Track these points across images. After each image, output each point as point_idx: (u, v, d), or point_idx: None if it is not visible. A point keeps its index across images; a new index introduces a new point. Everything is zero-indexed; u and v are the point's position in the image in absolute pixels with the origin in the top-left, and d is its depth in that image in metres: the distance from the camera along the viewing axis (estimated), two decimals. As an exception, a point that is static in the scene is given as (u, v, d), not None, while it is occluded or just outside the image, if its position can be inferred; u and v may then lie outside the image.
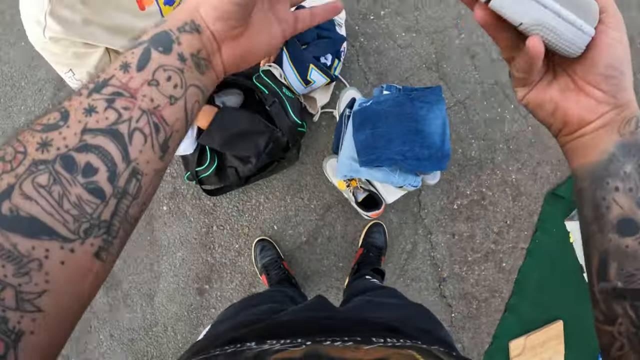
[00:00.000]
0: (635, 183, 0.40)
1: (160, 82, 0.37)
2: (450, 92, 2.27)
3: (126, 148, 0.34)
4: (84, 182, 0.32)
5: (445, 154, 1.76)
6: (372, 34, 2.24)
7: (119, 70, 0.36)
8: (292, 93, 1.90)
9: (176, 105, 0.38)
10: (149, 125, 0.36)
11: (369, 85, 2.16)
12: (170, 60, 0.38)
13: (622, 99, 0.42)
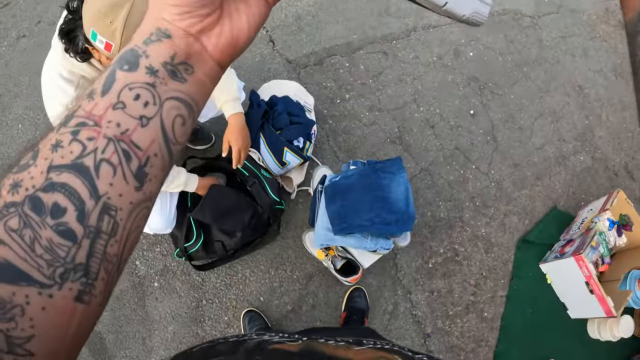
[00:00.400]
0: None
1: (127, 104, 0.34)
2: (415, 161, 2.50)
3: (93, 183, 0.32)
4: (54, 224, 0.30)
5: (411, 216, 1.95)
6: (340, 116, 2.52)
7: (85, 99, 0.34)
8: (269, 174, 2.12)
9: (149, 125, 0.34)
10: (117, 154, 0.33)
11: (340, 162, 2.38)
12: (138, 77, 0.35)
13: None
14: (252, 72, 2.67)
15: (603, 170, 3.18)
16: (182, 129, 0.38)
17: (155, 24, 0.37)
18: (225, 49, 0.40)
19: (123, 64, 0.35)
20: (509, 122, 3.01)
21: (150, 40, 0.36)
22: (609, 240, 2.43)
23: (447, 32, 3.35)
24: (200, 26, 0.38)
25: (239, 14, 0.40)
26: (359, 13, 3.21)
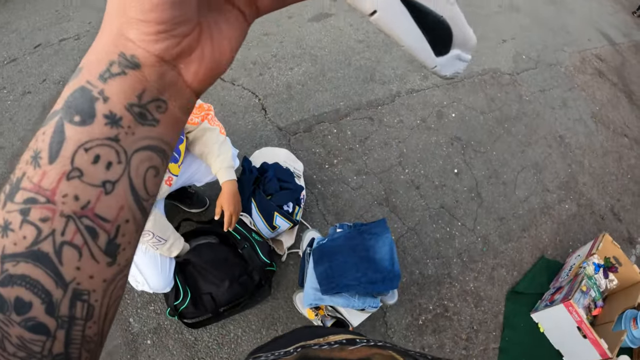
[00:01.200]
0: None
1: (84, 170, 0.27)
2: (402, 221, 2.62)
3: (57, 270, 0.27)
4: (21, 321, 0.27)
5: (396, 274, 2.05)
6: (328, 181, 2.66)
7: (30, 165, 0.28)
8: (260, 237, 2.24)
9: (115, 191, 0.29)
10: (79, 234, 0.28)
11: (328, 225, 2.50)
12: (94, 131, 0.27)
13: None
14: (245, 138, 2.84)
15: (589, 216, 3.28)
16: (154, 180, 0.32)
17: (116, 47, 0.28)
18: (206, 76, 0.33)
19: (73, 113, 0.27)
20: (492, 178, 3.14)
21: (109, 73, 0.28)
22: (600, 283, 2.49)
23: (430, 95, 3.56)
24: (178, 49, 0.30)
25: (220, 33, 0.32)
26: (345, 81, 3.44)
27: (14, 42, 3.73)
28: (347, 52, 3.83)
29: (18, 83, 3.15)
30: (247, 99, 3.15)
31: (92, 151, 0.28)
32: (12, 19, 4.10)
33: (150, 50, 0.29)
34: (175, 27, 0.28)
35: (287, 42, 3.87)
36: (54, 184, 0.27)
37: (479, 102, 3.71)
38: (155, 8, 0.27)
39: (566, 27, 6.39)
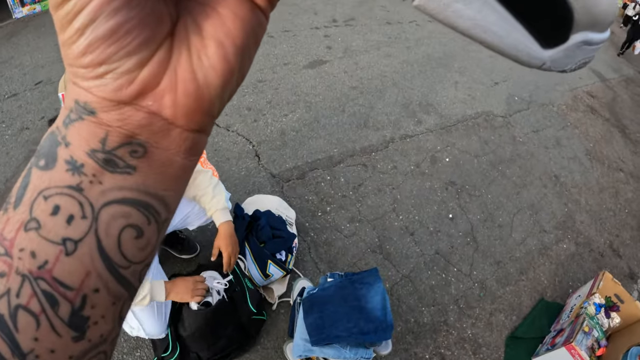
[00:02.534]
0: None
1: (41, 222, 0.24)
2: (396, 269, 2.60)
3: (12, 337, 0.23)
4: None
5: (389, 325, 2.02)
6: (321, 228, 2.66)
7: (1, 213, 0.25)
8: (252, 285, 2.22)
9: (78, 251, 0.24)
10: (36, 299, 0.23)
11: (321, 274, 2.49)
12: (55, 178, 0.24)
13: None
14: (238, 185, 2.86)
15: (588, 254, 3.25)
16: (137, 242, 0.26)
17: (73, 96, 0.25)
18: (190, 106, 0.25)
19: (39, 157, 0.25)
20: (488, 222, 3.14)
21: (69, 119, 0.25)
22: (603, 323, 2.44)
23: (424, 140, 3.60)
24: (134, 88, 0.24)
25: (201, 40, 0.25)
26: (339, 127, 3.49)
27: (16, 77, 3.82)
28: (341, 99, 3.90)
29: (17, 118, 3.21)
30: (241, 145, 3.20)
31: (51, 200, 0.24)
32: (16, 55, 4.21)
33: (99, 95, 0.24)
34: (119, 65, 0.23)
35: (282, 88, 3.95)
36: (12, 233, 0.24)
37: (473, 145, 3.75)
38: (85, 51, 0.23)
39: (557, 66, 6.51)
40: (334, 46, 4.91)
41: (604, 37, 0.28)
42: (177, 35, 0.25)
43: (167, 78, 0.25)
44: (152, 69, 0.24)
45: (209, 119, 0.27)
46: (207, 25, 0.25)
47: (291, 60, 4.48)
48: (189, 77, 0.25)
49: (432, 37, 5.97)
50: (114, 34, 0.22)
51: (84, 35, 0.22)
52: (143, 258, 0.27)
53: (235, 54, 0.25)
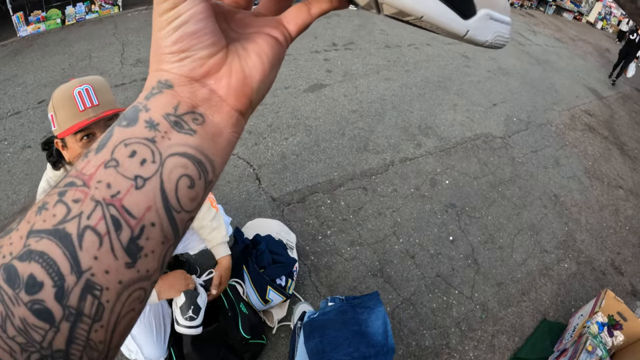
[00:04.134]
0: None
1: (120, 161, 0.29)
2: (396, 292, 2.60)
3: (75, 254, 0.27)
4: (28, 301, 0.26)
5: (390, 349, 2.02)
6: (321, 252, 2.67)
7: (81, 160, 0.30)
8: (247, 309, 2.22)
9: (145, 187, 0.30)
10: (104, 221, 0.28)
11: (321, 297, 2.48)
12: (135, 131, 0.31)
13: None
14: (238, 208, 2.87)
15: (590, 273, 3.24)
16: (189, 192, 0.32)
17: (155, 77, 0.34)
18: (239, 89, 0.36)
19: (122, 120, 0.32)
20: (488, 243, 3.14)
21: (151, 94, 0.33)
22: (606, 341, 2.41)
23: (423, 163, 3.63)
24: (204, 69, 0.35)
25: (246, 52, 0.37)
26: (339, 151, 3.52)
27: (19, 96, 3.87)
28: (341, 123, 3.95)
29: (19, 136, 3.24)
30: (242, 168, 3.23)
31: (130, 147, 0.30)
32: (20, 73, 4.28)
33: (178, 73, 0.34)
34: (196, 52, 0.34)
35: (282, 112, 4.00)
36: (92, 169, 0.29)
37: (472, 167, 3.78)
38: (176, 41, 0.33)
39: (554, 86, 6.58)
40: (334, 70, 4.98)
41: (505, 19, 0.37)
42: (230, 48, 0.36)
43: (225, 68, 0.35)
44: (217, 59, 0.35)
45: (249, 104, 0.37)
46: (250, 45, 0.37)
47: (292, 84, 4.55)
48: (240, 69, 0.35)
49: (431, 61, 6.05)
50: (196, 33, 0.33)
51: (178, 31, 0.33)
52: (191, 208, 0.33)
53: (267, 62, 0.37)
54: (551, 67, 7.67)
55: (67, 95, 1.32)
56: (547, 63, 7.86)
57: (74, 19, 6.05)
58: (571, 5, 15.92)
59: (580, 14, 16.23)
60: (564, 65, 8.14)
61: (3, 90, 3.96)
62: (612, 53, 11.25)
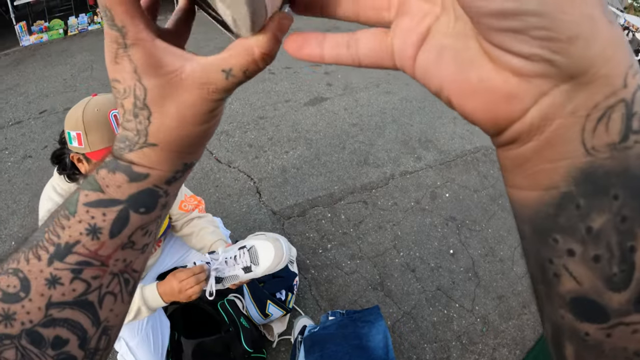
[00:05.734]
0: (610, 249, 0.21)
1: (136, 242, 0.33)
2: (397, 306, 2.60)
3: (96, 314, 0.33)
4: (55, 355, 0.31)
5: (391, 363, 2.02)
6: (322, 266, 2.67)
7: (87, 236, 0.31)
8: (248, 323, 2.22)
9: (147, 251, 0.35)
10: (119, 285, 0.33)
11: (322, 311, 2.48)
12: (153, 217, 0.34)
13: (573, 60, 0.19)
14: (238, 222, 2.89)
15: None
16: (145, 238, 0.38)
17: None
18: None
19: (139, 206, 0.33)
20: (489, 256, 3.14)
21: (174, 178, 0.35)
22: None
23: (423, 176, 3.64)
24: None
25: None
26: (340, 165, 3.54)
27: (20, 105, 3.90)
28: (342, 136, 3.97)
29: (20, 146, 3.26)
30: (242, 181, 3.24)
31: (145, 229, 0.34)
32: (22, 82, 4.31)
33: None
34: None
35: (283, 125, 4.03)
36: (110, 252, 0.32)
37: (472, 180, 3.78)
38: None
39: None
40: (334, 83, 5.02)
41: None
42: None
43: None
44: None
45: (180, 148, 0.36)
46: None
47: (292, 98, 4.58)
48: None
49: (431, 73, 6.07)
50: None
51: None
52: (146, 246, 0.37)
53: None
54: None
55: (102, 117, 1.34)
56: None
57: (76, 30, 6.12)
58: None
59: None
60: (563, 78, 8.20)
61: (5, 100, 4.00)
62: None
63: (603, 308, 0.22)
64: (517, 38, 0.19)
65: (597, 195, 0.21)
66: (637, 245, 0.20)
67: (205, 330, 2.14)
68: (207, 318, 2.22)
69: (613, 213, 0.20)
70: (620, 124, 0.19)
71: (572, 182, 0.21)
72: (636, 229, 0.20)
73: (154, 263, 1.91)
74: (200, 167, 3.32)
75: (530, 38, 0.19)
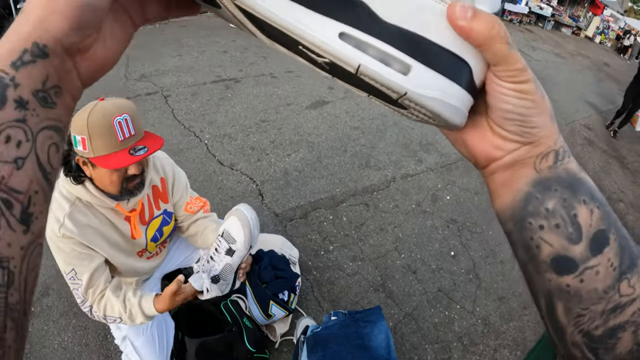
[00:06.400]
0: (562, 218, 0.36)
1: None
2: (398, 307, 2.62)
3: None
4: None
5: (393, 363, 2.04)
6: (324, 267, 2.70)
7: None
8: (251, 323, 2.24)
9: (25, 165, 0.32)
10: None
11: (324, 312, 2.50)
12: (6, 115, 0.31)
13: (532, 137, 0.38)
14: (242, 225, 2.90)
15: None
16: (57, 155, 0.36)
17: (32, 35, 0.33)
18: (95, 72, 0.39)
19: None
20: (489, 258, 3.16)
21: (21, 61, 0.32)
22: None
23: (425, 179, 3.67)
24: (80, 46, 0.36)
25: (112, 38, 0.38)
26: (341, 167, 3.57)
27: None
28: (343, 139, 4.00)
29: None
30: (245, 184, 3.27)
31: (5, 132, 0.31)
32: None
33: (61, 42, 0.33)
34: (87, 27, 0.34)
35: (285, 128, 4.05)
36: None
37: (473, 182, 3.81)
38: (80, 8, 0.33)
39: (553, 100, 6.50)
40: (335, 87, 5.05)
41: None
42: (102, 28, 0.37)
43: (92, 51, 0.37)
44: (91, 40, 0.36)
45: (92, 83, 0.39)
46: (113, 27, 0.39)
47: (294, 101, 4.61)
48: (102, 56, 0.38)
49: (431, 77, 6.10)
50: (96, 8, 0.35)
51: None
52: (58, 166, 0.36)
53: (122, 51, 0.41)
54: (550, 82, 7.74)
55: (106, 124, 1.34)
56: (546, 78, 7.94)
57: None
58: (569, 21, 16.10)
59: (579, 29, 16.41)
60: (563, 80, 8.23)
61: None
62: (611, 67, 11.35)
63: (572, 259, 0.35)
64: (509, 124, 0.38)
65: (546, 190, 0.37)
66: (578, 213, 0.36)
67: (209, 329, 2.16)
68: (210, 318, 2.25)
69: (557, 198, 0.37)
70: (553, 159, 0.38)
71: (531, 185, 0.38)
72: (574, 203, 0.36)
73: (159, 264, 1.93)
74: (203, 170, 3.34)
75: (515, 126, 0.38)
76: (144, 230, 1.68)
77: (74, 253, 1.43)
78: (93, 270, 1.47)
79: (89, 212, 1.49)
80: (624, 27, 16.47)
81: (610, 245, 0.36)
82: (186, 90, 4.47)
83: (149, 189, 1.66)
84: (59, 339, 2.18)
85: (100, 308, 1.51)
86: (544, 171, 0.38)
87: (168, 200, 1.78)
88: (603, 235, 0.36)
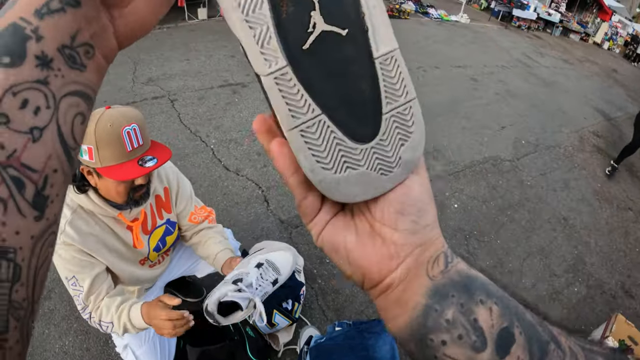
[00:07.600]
0: (464, 327, 0.33)
1: (10, 116, 0.25)
2: (404, 316, 2.58)
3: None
4: None
5: (398, 375, 2.00)
6: (329, 275, 2.67)
7: None
8: (254, 332, 2.21)
9: (44, 137, 0.27)
10: (5, 185, 0.25)
11: (328, 321, 2.47)
12: (24, 74, 0.26)
13: (423, 237, 0.35)
14: (246, 230, 2.88)
15: (599, 296, 3.20)
16: (81, 127, 0.30)
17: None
18: (134, 30, 0.33)
19: (1, 54, 0.26)
20: (497, 268, 3.12)
21: (48, 9, 0.27)
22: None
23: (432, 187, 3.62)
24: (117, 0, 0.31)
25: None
26: (346, 171, 3.52)
27: None
28: (349, 145, 3.96)
29: None
30: (251, 190, 3.24)
31: (20, 95, 0.26)
32: None
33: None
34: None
35: (291, 134, 4.02)
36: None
37: (481, 191, 3.77)
38: None
39: (562, 107, 6.58)
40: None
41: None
42: None
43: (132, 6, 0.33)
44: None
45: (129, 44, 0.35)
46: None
47: (301, 106, 4.58)
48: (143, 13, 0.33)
49: (439, 84, 6.09)
50: None
51: None
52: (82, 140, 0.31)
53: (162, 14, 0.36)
54: (559, 89, 7.69)
55: (115, 133, 1.29)
56: (554, 85, 7.88)
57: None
58: (578, 27, 16.02)
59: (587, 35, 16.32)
60: (572, 87, 8.16)
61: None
62: (619, 73, 11.25)
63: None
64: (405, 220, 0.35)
65: (443, 299, 0.34)
66: (477, 316, 0.33)
67: (211, 338, 2.14)
68: (212, 326, 2.22)
69: (455, 304, 0.34)
70: (443, 262, 0.36)
71: (428, 297, 0.34)
72: (472, 307, 0.34)
73: (162, 272, 1.91)
74: (208, 175, 3.32)
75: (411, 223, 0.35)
76: (146, 240, 1.66)
77: (74, 260, 1.41)
78: (94, 277, 1.45)
79: (91, 219, 1.47)
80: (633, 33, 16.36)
81: (517, 341, 0.34)
82: (193, 94, 4.46)
83: (152, 199, 1.64)
84: (60, 342, 2.16)
85: (97, 314, 1.49)
86: (437, 277, 0.35)
87: (171, 210, 1.76)
88: (507, 332, 0.34)
